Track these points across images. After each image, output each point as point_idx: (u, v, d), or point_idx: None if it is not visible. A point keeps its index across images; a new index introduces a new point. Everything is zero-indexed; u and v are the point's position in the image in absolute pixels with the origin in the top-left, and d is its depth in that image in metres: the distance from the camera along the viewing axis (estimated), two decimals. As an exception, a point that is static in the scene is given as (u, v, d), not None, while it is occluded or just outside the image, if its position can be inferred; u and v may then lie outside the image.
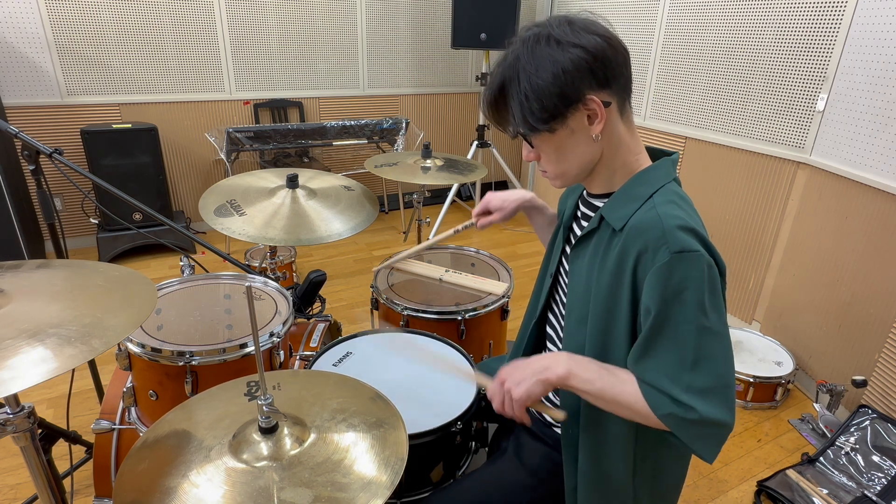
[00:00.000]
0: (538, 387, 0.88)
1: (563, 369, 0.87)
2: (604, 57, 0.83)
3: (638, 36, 3.16)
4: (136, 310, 0.89)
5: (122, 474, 0.81)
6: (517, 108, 0.87)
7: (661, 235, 0.82)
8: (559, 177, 0.95)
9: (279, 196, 1.64)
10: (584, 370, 0.87)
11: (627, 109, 0.91)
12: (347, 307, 2.99)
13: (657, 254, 0.82)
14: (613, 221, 0.90)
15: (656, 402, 0.83)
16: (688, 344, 0.81)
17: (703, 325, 0.81)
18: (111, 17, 3.32)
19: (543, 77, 0.83)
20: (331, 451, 0.83)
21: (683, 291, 0.80)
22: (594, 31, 0.84)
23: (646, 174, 0.92)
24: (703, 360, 0.81)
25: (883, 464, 1.84)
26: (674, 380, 0.82)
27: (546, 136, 0.89)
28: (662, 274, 0.81)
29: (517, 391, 0.89)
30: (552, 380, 0.87)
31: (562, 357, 0.89)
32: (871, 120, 2.06)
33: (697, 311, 0.81)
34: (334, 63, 4.01)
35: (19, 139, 1.49)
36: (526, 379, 0.89)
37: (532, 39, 0.85)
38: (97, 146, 3.15)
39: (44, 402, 2.16)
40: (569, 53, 0.82)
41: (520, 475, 1.09)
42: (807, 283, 2.40)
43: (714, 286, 0.82)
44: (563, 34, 0.83)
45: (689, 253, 0.80)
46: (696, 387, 0.81)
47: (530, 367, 0.90)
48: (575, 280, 0.98)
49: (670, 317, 0.82)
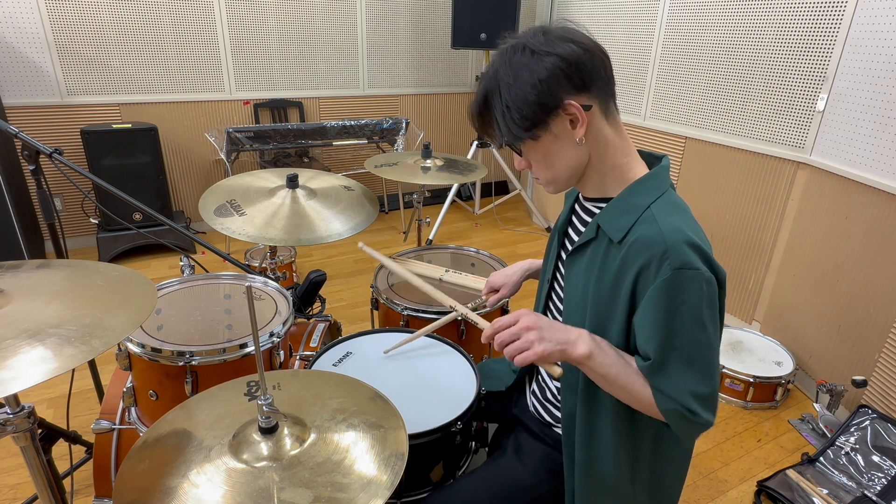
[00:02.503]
0: (557, 355, 0.89)
1: (585, 349, 0.88)
2: (578, 62, 0.85)
3: (638, 36, 3.16)
4: (136, 310, 0.89)
5: (122, 474, 0.81)
6: (500, 120, 0.89)
7: (663, 252, 0.84)
8: (551, 182, 0.96)
9: (279, 196, 1.64)
10: (604, 355, 0.89)
11: (612, 110, 0.92)
12: (347, 307, 2.99)
13: (659, 269, 0.84)
14: (611, 233, 0.91)
15: (662, 402, 0.87)
16: (694, 358, 0.86)
17: (700, 338, 0.85)
18: (111, 17, 3.32)
19: (521, 87, 0.85)
20: (331, 451, 0.83)
21: (682, 306, 0.84)
22: (569, 39, 0.85)
23: (642, 183, 0.92)
24: (703, 371, 0.86)
25: (883, 464, 1.84)
26: (681, 391, 0.86)
27: (531, 143, 0.90)
28: (663, 290, 0.84)
29: (540, 347, 0.87)
30: (573, 355, 0.89)
31: (585, 336, 0.90)
32: (871, 120, 2.06)
33: (696, 326, 0.84)
34: (334, 63, 4.01)
35: (19, 139, 1.49)
36: (550, 341, 0.88)
37: (509, 51, 0.87)
38: (97, 146, 3.15)
39: (44, 402, 2.16)
40: (543, 62, 0.84)
41: (520, 475, 1.09)
42: (807, 283, 2.40)
43: (712, 302, 0.86)
44: (537, 44, 0.85)
45: (689, 271, 0.83)
46: (699, 395, 0.86)
47: (556, 334, 0.89)
48: (571, 287, 0.99)
49: (674, 333, 0.85)
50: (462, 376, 1.28)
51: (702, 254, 0.85)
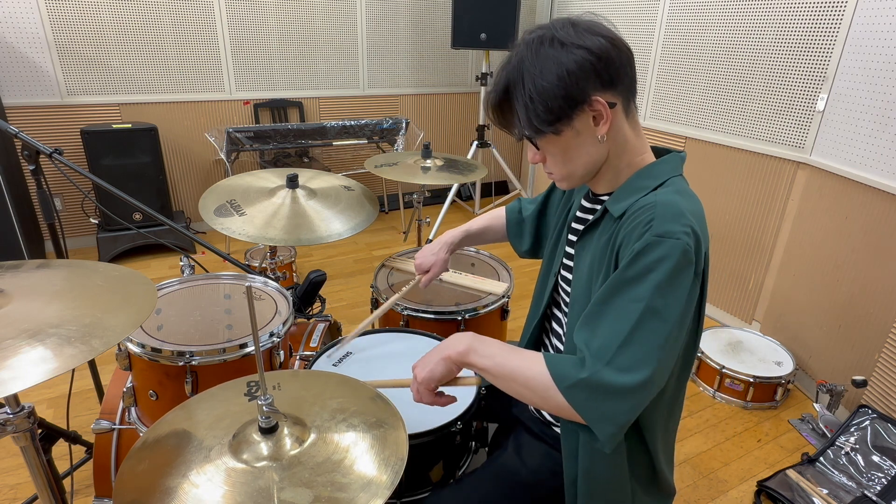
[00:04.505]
0: (440, 366, 0.91)
1: (463, 346, 0.89)
2: (608, 58, 0.83)
3: (638, 36, 3.16)
4: (136, 310, 0.88)
5: (122, 474, 0.81)
6: (522, 111, 0.86)
7: (650, 219, 0.82)
8: (565, 178, 0.95)
9: (279, 196, 1.64)
10: (484, 347, 0.89)
11: (632, 109, 0.91)
12: (347, 307, 2.99)
13: (642, 236, 0.81)
14: (615, 211, 0.90)
15: (563, 374, 0.81)
16: (629, 320, 0.79)
17: (651, 306, 0.79)
18: (111, 17, 3.32)
19: (548, 79, 0.82)
20: (331, 451, 0.83)
21: (650, 273, 0.79)
22: (598, 33, 0.84)
23: (652, 168, 0.92)
24: (636, 342, 0.79)
25: (883, 464, 1.84)
26: (597, 351, 0.80)
27: (552, 137, 0.88)
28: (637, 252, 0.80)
29: (420, 373, 0.93)
30: (453, 356, 0.90)
31: (465, 336, 0.92)
32: (871, 120, 2.06)
33: (654, 291, 0.79)
34: (334, 63, 4.01)
35: (19, 139, 1.49)
36: (427, 363, 0.93)
37: (536, 42, 0.84)
38: (97, 146, 3.15)
39: (44, 402, 2.16)
40: (573, 55, 0.82)
41: (520, 474, 1.09)
42: (807, 283, 2.40)
43: (679, 273, 0.80)
44: (566, 36, 0.83)
45: (669, 240, 0.79)
46: (615, 364, 0.79)
47: (432, 354, 0.94)
48: (579, 272, 0.98)
49: (624, 291, 0.81)
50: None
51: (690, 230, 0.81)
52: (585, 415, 0.81)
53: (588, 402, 0.80)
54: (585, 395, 0.80)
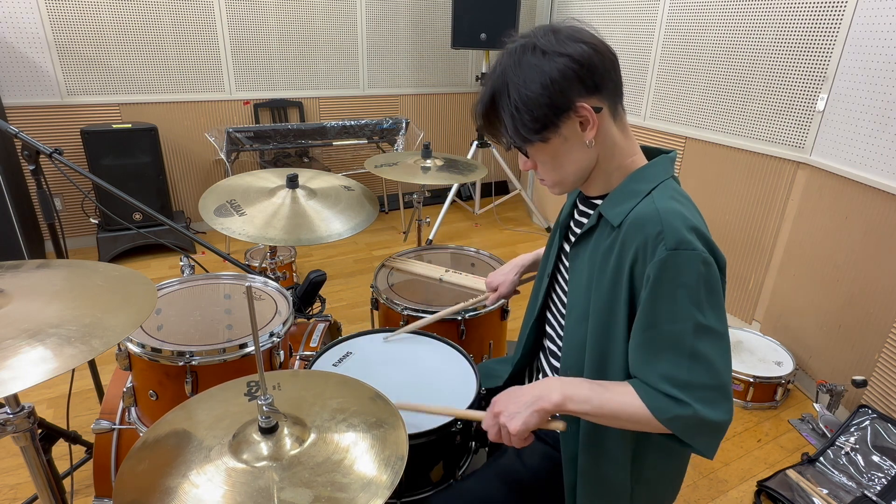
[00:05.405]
0: (534, 417, 0.87)
1: (557, 395, 0.86)
2: (590, 64, 0.83)
3: (638, 36, 3.16)
4: (136, 310, 0.89)
5: (122, 474, 0.81)
6: (509, 121, 0.87)
7: (658, 232, 0.81)
8: (557, 184, 0.95)
9: (279, 196, 1.64)
10: (577, 392, 0.87)
11: (620, 112, 0.91)
12: (347, 307, 2.99)
13: (655, 250, 0.81)
14: (612, 218, 0.90)
15: (659, 407, 0.82)
16: (684, 342, 0.81)
17: (700, 322, 0.80)
18: (111, 17, 3.32)
19: (532, 88, 0.83)
20: (331, 451, 0.83)
21: (678, 290, 0.80)
22: (579, 39, 0.84)
23: (643, 171, 0.92)
24: (700, 359, 0.81)
25: (883, 464, 1.84)
26: (671, 380, 0.81)
27: (540, 145, 0.89)
28: (659, 272, 0.81)
29: (513, 425, 0.87)
30: (548, 408, 0.86)
31: (554, 383, 0.88)
32: (871, 120, 2.06)
33: (693, 308, 0.80)
34: (334, 63, 4.01)
35: (19, 139, 1.49)
36: (521, 412, 0.87)
37: (518, 51, 0.85)
38: (97, 146, 3.15)
39: (44, 402, 2.16)
40: (555, 63, 0.82)
41: (520, 474, 1.09)
42: (807, 283, 2.40)
43: (712, 284, 0.81)
44: (547, 44, 0.83)
45: (685, 251, 0.80)
46: (693, 385, 0.80)
47: (524, 398, 0.88)
48: (575, 278, 0.98)
49: (665, 315, 0.81)
50: (462, 376, 1.28)
51: (699, 234, 0.82)
52: (688, 440, 0.84)
53: (687, 431, 0.83)
54: (682, 425, 0.82)
